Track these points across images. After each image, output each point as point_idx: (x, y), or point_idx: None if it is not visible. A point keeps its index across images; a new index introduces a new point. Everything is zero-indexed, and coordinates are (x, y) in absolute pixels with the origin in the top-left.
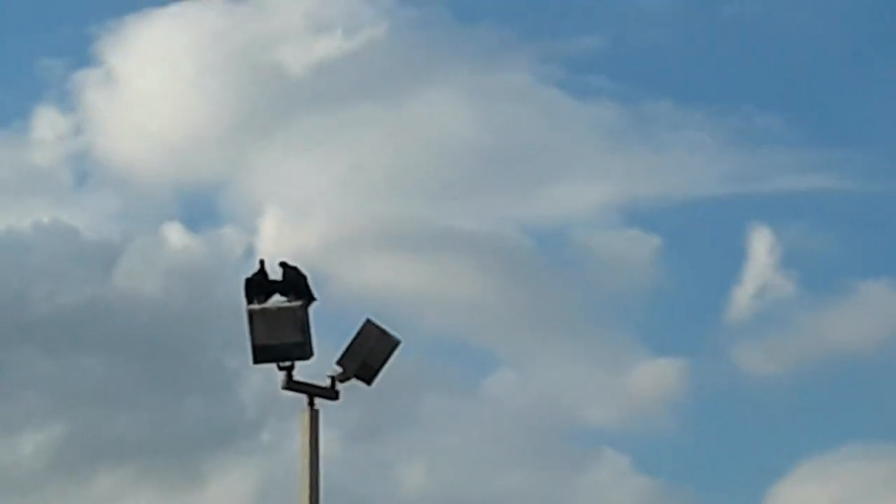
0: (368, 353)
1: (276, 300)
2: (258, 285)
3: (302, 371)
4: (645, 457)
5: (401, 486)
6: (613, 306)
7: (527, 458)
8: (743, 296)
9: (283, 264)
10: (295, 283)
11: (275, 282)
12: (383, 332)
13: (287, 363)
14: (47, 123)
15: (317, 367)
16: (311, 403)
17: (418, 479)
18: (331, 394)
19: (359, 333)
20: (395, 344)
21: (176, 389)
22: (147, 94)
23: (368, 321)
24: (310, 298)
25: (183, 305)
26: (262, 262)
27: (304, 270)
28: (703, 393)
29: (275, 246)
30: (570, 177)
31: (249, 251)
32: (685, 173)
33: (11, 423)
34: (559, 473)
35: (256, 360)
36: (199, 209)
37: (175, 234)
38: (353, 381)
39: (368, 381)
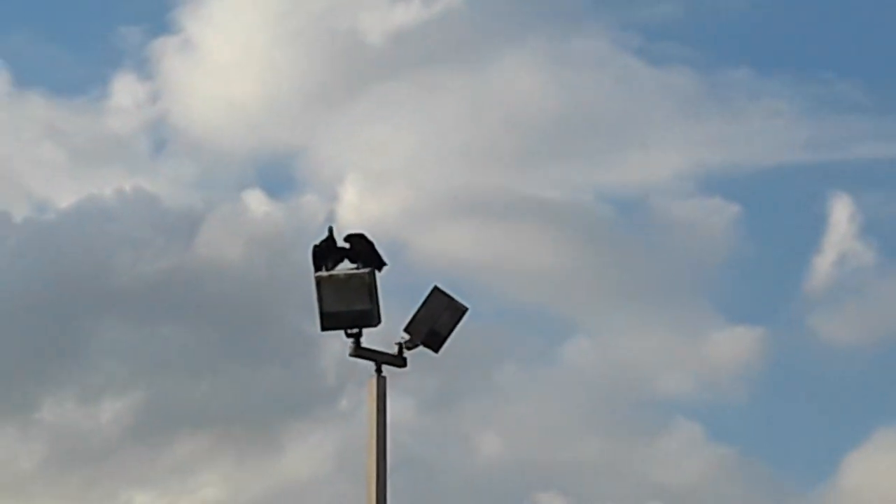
0: (436, 320)
1: (345, 267)
2: (326, 252)
3: (375, 338)
4: (719, 426)
5: (476, 455)
6: (691, 275)
7: (602, 427)
8: (822, 264)
9: (348, 236)
10: (362, 249)
11: (343, 248)
12: (451, 299)
13: (355, 330)
14: (125, 91)
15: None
16: (378, 370)
17: (494, 448)
18: (398, 361)
19: (426, 301)
20: (462, 311)
21: (255, 357)
22: (224, 62)
23: (436, 288)
24: (379, 264)
25: (264, 273)
26: (330, 230)
27: (370, 237)
28: (780, 362)
29: (355, 213)
30: (646, 144)
31: (330, 219)
32: (763, 141)
33: (91, 390)
34: (634, 442)
35: (324, 327)
36: (277, 177)
37: (256, 202)
38: (421, 349)
39: (436, 349)
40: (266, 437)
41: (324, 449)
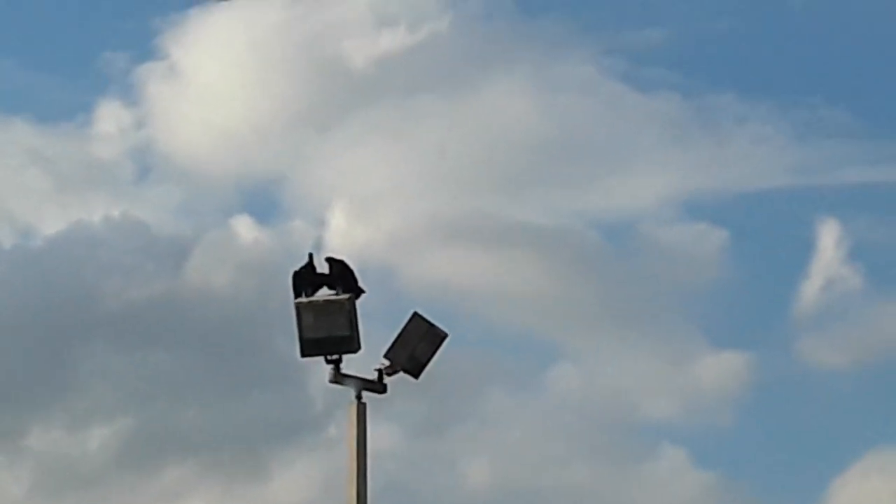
0: (416, 346)
1: (324, 293)
2: (306, 278)
3: (360, 364)
4: (705, 451)
5: (463, 481)
6: (678, 300)
7: (588, 452)
8: (810, 289)
9: (329, 259)
10: (342, 276)
11: (322, 275)
12: (431, 325)
13: (335, 356)
14: (111, 117)
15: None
16: (358, 396)
17: (481, 474)
18: (378, 387)
19: (406, 327)
20: (442, 337)
21: (244, 384)
22: (210, 88)
23: (416, 314)
24: (357, 292)
25: (252, 299)
26: (310, 256)
27: (350, 264)
28: (767, 386)
29: (343, 239)
30: (633, 170)
31: (318, 244)
32: (750, 166)
33: (79, 417)
34: (620, 467)
35: (304, 354)
36: (264, 203)
37: (244, 228)
38: (402, 375)
39: (416, 375)
40: (254, 464)
41: (311, 476)
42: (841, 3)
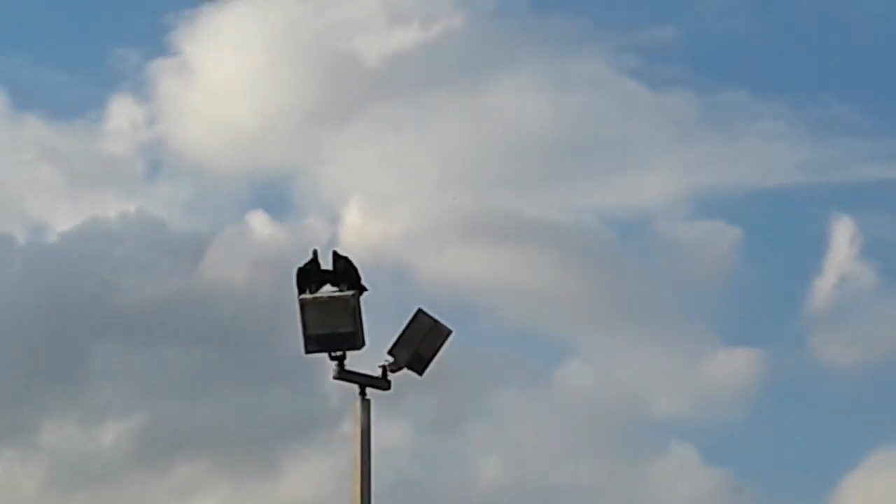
0: (420, 343)
1: (328, 290)
2: (310, 275)
3: (369, 361)
4: (715, 448)
5: (475, 478)
6: (691, 297)
7: (599, 449)
8: (823, 286)
9: (335, 254)
10: (346, 272)
11: (326, 271)
12: (435, 321)
13: (339, 353)
14: (123, 113)
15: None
16: (362, 393)
17: (493, 471)
18: (382, 384)
19: (410, 323)
20: (447, 334)
21: (258, 380)
22: (222, 84)
23: (420, 311)
24: (360, 289)
25: (267, 296)
26: (314, 252)
27: (354, 261)
28: (779, 383)
29: (357, 235)
30: (645, 167)
31: (333, 241)
32: (763, 163)
33: (93, 413)
34: (631, 464)
35: (308, 350)
36: (277, 199)
37: (260, 224)
38: (407, 372)
39: (420, 372)
40: (266, 461)
41: (324, 472)
42: (853, 0)
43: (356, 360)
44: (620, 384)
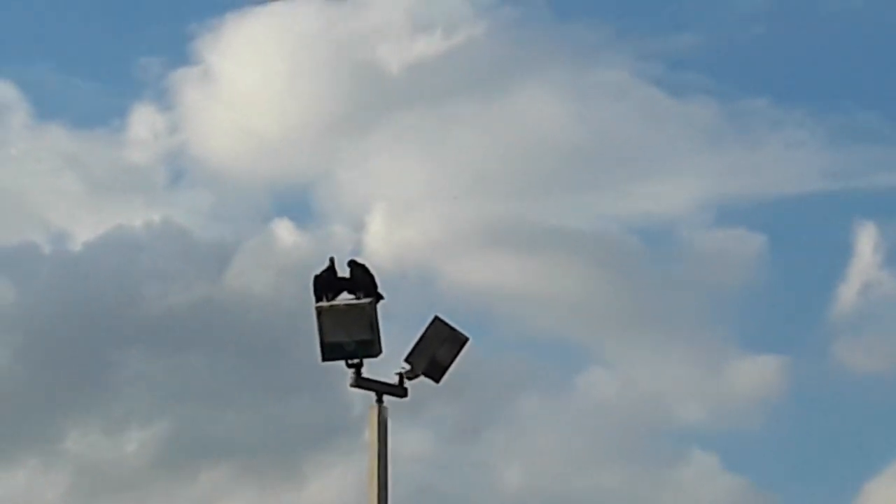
0: (437, 350)
1: (345, 297)
2: (327, 283)
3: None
4: (736, 455)
5: (497, 485)
6: (714, 304)
7: (621, 457)
8: (847, 293)
9: (351, 262)
10: (363, 280)
11: (343, 279)
12: (452, 329)
13: (355, 361)
14: (145, 121)
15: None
16: (379, 401)
17: (514, 478)
18: (399, 391)
19: (427, 330)
20: (463, 341)
21: (281, 388)
22: (244, 93)
23: (437, 318)
24: (377, 297)
25: (291, 304)
26: (331, 260)
27: (371, 269)
28: (801, 391)
29: (382, 243)
30: (667, 174)
31: (358, 249)
32: (785, 170)
33: (117, 421)
34: (653, 471)
35: (325, 358)
36: (299, 207)
37: (285, 232)
38: (426, 380)
39: (437, 379)
40: (290, 469)
41: (346, 480)
42: (875, 8)
43: (376, 368)
44: (642, 391)
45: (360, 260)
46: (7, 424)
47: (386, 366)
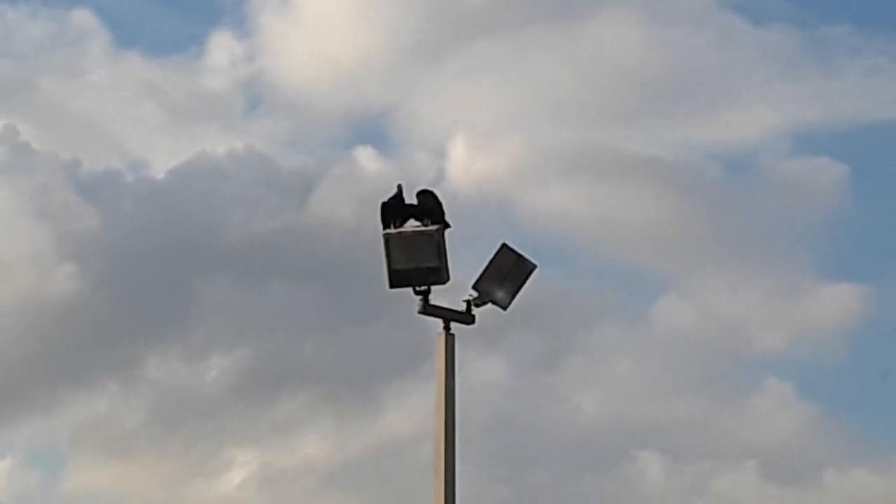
0: (504, 277)
1: (412, 224)
2: (394, 210)
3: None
4: (812, 384)
5: (574, 414)
6: (794, 233)
7: (697, 385)
8: None
9: (420, 191)
10: (430, 208)
11: (411, 206)
12: (519, 256)
13: (423, 287)
14: (222, 49)
15: None
16: (447, 328)
17: (591, 407)
18: (467, 318)
19: (494, 258)
20: (531, 268)
21: (362, 316)
22: (321, 20)
23: (504, 245)
24: (444, 224)
25: (374, 232)
26: (399, 187)
27: (439, 196)
28: (880, 320)
29: (464, 170)
30: (746, 102)
31: (440, 176)
32: (864, 98)
33: (197, 348)
34: (729, 399)
35: (392, 285)
36: (379, 134)
37: (367, 160)
38: (500, 310)
39: (504, 307)
40: (368, 396)
41: (425, 407)
42: None
43: (448, 295)
44: (720, 320)
45: (429, 188)
46: (89, 350)
47: (461, 294)
